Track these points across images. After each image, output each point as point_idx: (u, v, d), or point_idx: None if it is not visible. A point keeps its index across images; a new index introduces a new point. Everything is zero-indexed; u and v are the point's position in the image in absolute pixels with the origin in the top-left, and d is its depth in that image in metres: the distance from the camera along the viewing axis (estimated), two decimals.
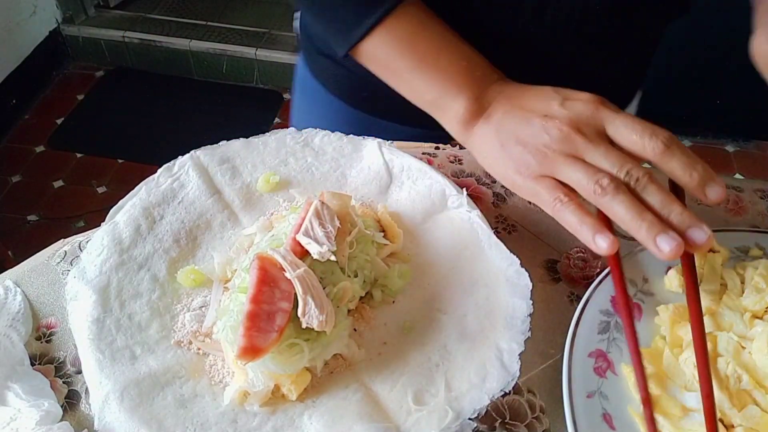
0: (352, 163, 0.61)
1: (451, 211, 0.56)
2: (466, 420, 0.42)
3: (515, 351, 0.45)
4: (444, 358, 0.47)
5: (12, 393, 0.45)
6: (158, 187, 0.57)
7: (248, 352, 0.42)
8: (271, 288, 0.44)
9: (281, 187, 0.59)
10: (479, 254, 0.52)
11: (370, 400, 0.45)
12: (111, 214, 0.55)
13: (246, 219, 0.57)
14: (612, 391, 0.47)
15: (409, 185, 0.58)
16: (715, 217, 0.63)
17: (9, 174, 2.02)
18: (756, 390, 0.46)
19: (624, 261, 0.54)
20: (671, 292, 0.53)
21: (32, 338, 0.51)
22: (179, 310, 0.51)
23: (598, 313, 0.51)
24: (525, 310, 0.47)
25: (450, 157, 0.67)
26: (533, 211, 0.62)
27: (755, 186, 0.66)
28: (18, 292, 0.53)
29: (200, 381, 0.47)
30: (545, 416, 0.48)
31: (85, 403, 0.47)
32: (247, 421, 0.44)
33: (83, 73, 2.42)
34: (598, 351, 0.49)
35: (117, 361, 0.46)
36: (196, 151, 0.60)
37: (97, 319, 0.48)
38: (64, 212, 1.91)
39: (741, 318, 0.50)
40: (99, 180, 2.02)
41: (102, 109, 2.29)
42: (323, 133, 0.62)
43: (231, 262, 0.53)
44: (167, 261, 0.53)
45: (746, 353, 0.48)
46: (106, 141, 2.16)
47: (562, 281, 0.56)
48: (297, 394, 0.45)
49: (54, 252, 0.57)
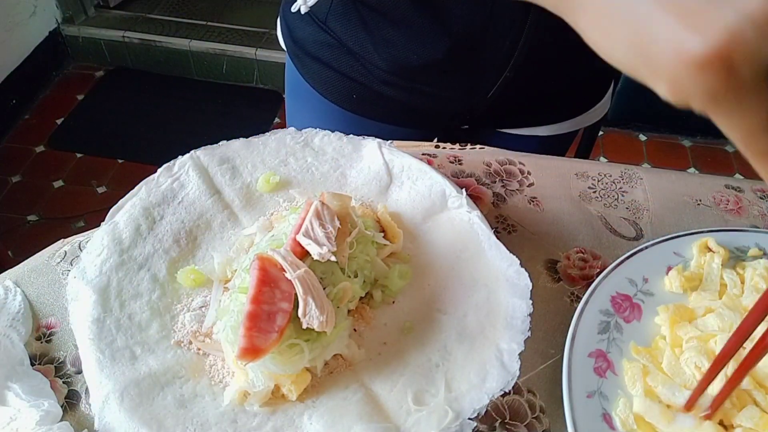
0: (352, 163, 0.61)
1: (451, 212, 0.56)
2: (466, 420, 0.42)
3: (515, 351, 0.45)
4: (444, 358, 0.47)
5: (12, 393, 0.45)
6: (158, 187, 0.57)
7: (249, 353, 0.42)
8: (271, 288, 0.44)
9: (281, 187, 0.59)
10: (479, 254, 0.52)
11: (370, 401, 0.45)
12: (111, 214, 0.55)
13: (246, 219, 0.57)
14: (612, 391, 0.47)
15: (409, 185, 0.58)
16: (715, 217, 0.63)
17: (9, 174, 2.02)
18: (756, 390, 0.46)
19: (624, 261, 0.54)
20: (671, 292, 0.53)
21: (32, 338, 0.51)
22: (179, 310, 0.51)
23: (598, 313, 0.51)
24: (525, 310, 0.47)
25: (450, 157, 0.67)
26: (533, 211, 0.62)
27: (755, 186, 0.66)
28: (18, 292, 0.53)
29: (200, 381, 0.47)
30: (545, 416, 0.48)
31: (85, 403, 0.47)
32: (247, 421, 0.44)
33: (83, 73, 2.41)
34: (598, 351, 0.49)
35: (117, 361, 0.46)
36: (196, 151, 0.60)
37: (97, 319, 0.48)
38: (64, 212, 1.91)
39: (741, 318, 0.50)
40: (99, 180, 2.02)
41: (102, 109, 2.29)
42: (323, 133, 0.62)
43: (231, 262, 0.53)
44: (167, 261, 0.53)
45: (746, 353, 0.48)
46: (106, 141, 2.16)
47: (562, 281, 0.56)
48: (297, 394, 0.45)
49: (54, 252, 0.57)
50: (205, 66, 2.37)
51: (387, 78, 0.73)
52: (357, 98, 0.77)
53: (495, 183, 0.65)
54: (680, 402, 0.46)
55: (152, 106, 2.30)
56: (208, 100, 2.33)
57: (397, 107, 0.75)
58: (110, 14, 2.47)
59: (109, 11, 2.47)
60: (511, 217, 0.61)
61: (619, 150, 2.11)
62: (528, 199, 0.63)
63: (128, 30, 2.37)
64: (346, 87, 0.76)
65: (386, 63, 0.72)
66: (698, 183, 0.66)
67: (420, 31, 0.67)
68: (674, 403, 0.46)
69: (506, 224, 0.61)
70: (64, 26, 2.39)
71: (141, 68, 2.42)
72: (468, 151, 0.68)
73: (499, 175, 0.66)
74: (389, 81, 0.73)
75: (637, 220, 0.62)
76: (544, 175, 0.66)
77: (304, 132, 0.62)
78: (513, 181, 0.65)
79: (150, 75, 2.41)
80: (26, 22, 2.24)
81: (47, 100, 2.30)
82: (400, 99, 0.75)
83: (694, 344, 0.49)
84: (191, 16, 2.46)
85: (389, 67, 0.72)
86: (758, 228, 0.60)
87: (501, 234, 0.60)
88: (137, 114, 2.27)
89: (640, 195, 0.65)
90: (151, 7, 2.50)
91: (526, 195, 0.64)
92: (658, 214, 0.63)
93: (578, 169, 0.67)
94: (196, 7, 2.52)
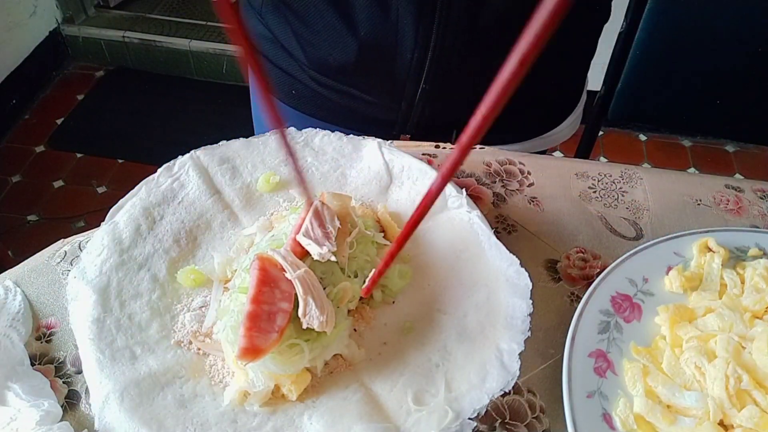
0: (352, 163, 0.61)
1: (451, 212, 0.56)
2: (466, 420, 0.42)
3: (515, 351, 0.45)
4: (444, 358, 0.47)
5: (12, 393, 0.45)
6: (158, 187, 0.57)
7: (249, 353, 0.42)
8: (271, 288, 0.44)
9: (281, 187, 0.59)
10: (479, 254, 0.52)
11: (370, 400, 0.45)
12: (111, 214, 0.55)
13: (246, 219, 0.57)
14: (612, 391, 0.47)
15: (409, 185, 0.58)
16: (715, 217, 0.63)
17: (9, 174, 2.02)
18: (756, 390, 0.46)
19: (624, 261, 0.55)
20: (671, 292, 0.53)
21: (32, 338, 0.51)
22: (179, 310, 0.51)
23: (598, 313, 0.51)
24: (525, 309, 0.46)
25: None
26: (533, 211, 0.62)
27: (755, 186, 0.66)
28: (18, 292, 0.53)
29: (200, 381, 0.47)
30: (545, 416, 0.48)
31: (85, 403, 0.47)
32: (247, 421, 0.44)
33: (83, 73, 2.41)
34: (598, 351, 0.49)
35: (117, 361, 0.46)
36: (196, 151, 0.60)
37: (97, 319, 0.48)
38: (64, 212, 1.91)
39: (741, 318, 0.50)
40: (99, 180, 2.02)
41: (102, 109, 2.29)
42: (323, 133, 0.62)
43: (231, 262, 0.53)
44: (167, 261, 0.53)
45: (746, 353, 0.48)
46: (106, 141, 2.16)
47: (562, 281, 0.56)
48: (297, 394, 0.45)
49: (54, 252, 0.57)
50: (205, 66, 2.37)
51: (316, 76, 0.73)
52: (297, 95, 0.76)
53: (495, 183, 0.65)
54: (681, 402, 0.46)
55: (152, 106, 2.30)
56: (208, 100, 2.33)
57: (336, 108, 0.75)
58: (110, 14, 2.47)
59: (109, 11, 2.47)
60: (511, 217, 0.61)
61: (619, 150, 2.11)
62: (528, 199, 0.63)
63: (128, 30, 2.37)
64: (286, 82, 0.76)
65: (309, 61, 0.72)
66: (698, 183, 0.66)
67: (332, 32, 0.67)
68: (674, 404, 0.46)
69: (506, 224, 0.61)
70: (64, 26, 2.39)
71: (141, 68, 2.42)
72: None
73: (499, 175, 0.66)
74: (319, 80, 0.73)
75: (637, 220, 0.62)
76: (544, 175, 0.66)
77: (304, 132, 0.62)
78: (513, 181, 0.65)
79: (150, 75, 2.41)
80: (26, 22, 2.24)
81: (47, 100, 2.30)
82: (334, 99, 0.74)
83: (694, 344, 0.49)
84: (191, 16, 2.46)
85: (313, 66, 0.72)
86: (758, 228, 0.60)
87: (501, 234, 0.60)
88: (137, 114, 2.27)
89: (640, 195, 0.65)
90: (151, 7, 2.50)
91: (526, 195, 0.64)
92: (658, 214, 0.63)
93: (578, 169, 0.67)
94: (196, 7, 2.51)
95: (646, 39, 0.96)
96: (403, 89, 0.70)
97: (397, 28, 0.64)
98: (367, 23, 0.64)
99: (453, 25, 0.62)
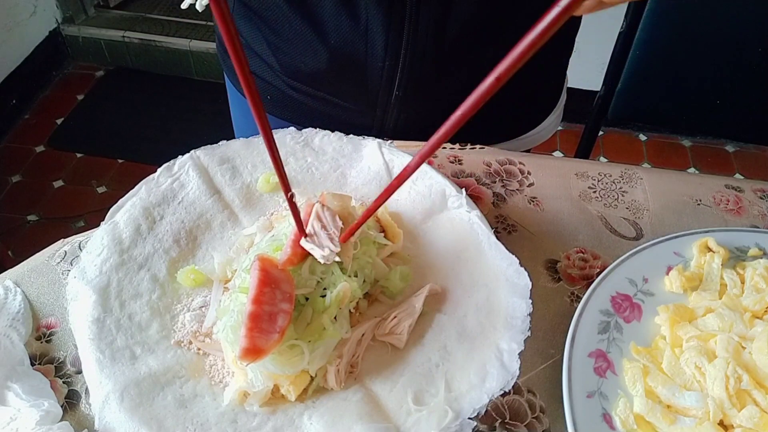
0: (352, 163, 0.61)
1: (451, 212, 0.56)
2: (466, 420, 0.42)
3: (515, 351, 0.45)
4: (444, 358, 0.47)
5: (12, 393, 0.45)
6: (158, 186, 0.57)
7: (250, 353, 0.42)
8: (272, 289, 0.44)
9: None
10: (479, 254, 0.52)
11: (370, 400, 0.45)
12: (111, 214, 0.55)
13: (246, 219, 0.57)
14: (612, 391, 0.47)
15: (409, 185, 0.58)
16: (715, 217, 0.63)
17: (9, 174, 2.02)
18: (756, 390, 0.46)
19: (624, 261, 0.55)
20: (671, 292, 0.53)
21: (32, 338, 0.51)
22: (179, 310, 0.51)
23: (598, 313, 0.51)
24: (525, 309, 0.46)
25: (450, 157, 0.67)
26: (533, 211, 0.62)
27: (755, 186, 0.66)
28: (18, 292, 0.53)
29: (200, 381, 0.47)
30: (545, 416, 0.48)
31: (85, 403, 0.47)
32: (247, 421, 0.44)
33: (83, 73, 2.41)
34: (598, 351, 0.49)
35: (117, 361, 0.46)
36: (196, 151, 0.60)
37: (97, 319, 0.48)
38: (64, 212, 1.91)
39: (741, 318, 0.50)
40: (99, 180, 2.01)
41: (102, 109, 2.29)
42: (323, 133, 0.62)
43: (231, 262, 0.53)
44: (167, 261, 0.53)
45: (746, 353, 0.48)
46: (106, 141, 2.16)
47: (562, 281, 0.56)
48: (296, 394, 0.45)
49: (54, 252, 0.57)
50: (205, 66, 2.37)
51: (290, 82, 0.73)
52: (272, 100, 0.76)
53: (495, 183, 0.65)
54: (681, 402, 0.46)
55: (152, 106, 2.30)
56: (208, 100, 2.33)
57: (312, 113, 0.75)
58: (110, 14, 2.46)
59: (109, 11, 2.47)
60: (511, 217, 0.61)
61: (619, 150, 2.11)
62: (528, 199, 0.63)
63: (128, 30, 2.37)
64: (261, 87, 0.76)
65: (282, 67, 0.72)
66: (698, 183, 0.66)
67: (301, 40, 0.67)
68: (674, 404, 0.46)
69: (506, 224, 0.61)
70: (64, 26, 2.39)
71: (141, 68, 2.42)
72: (468, 151, 0.68)
73: (499, 175, 0.66)
74: (293, 85, 0.73)
75: (637, 220, 0.62)
76: (544, 175, 0.66)
77: (304, 132, 0.62)
78: (513, 181, 0.65)
79: (150, 75, 2.41)
80: (26, 22, 2.24)
81: (47, 100, 2.30)
82: (310, 104, 0.74)
83: (694, 344, 0.49)
84: (191, 16, 2.46)
85: (286, 72, 0.72)
86: (758, 228, 0.60)
87: (501, 234, 0.60)
88: (137, 114, 2.27)
89: (640, 195, 0.65)
90: (151, 7, 2.50)
91: (526, 195, 0.64)
92: (658, 214, 0.63)
93: (578, 169, 0.67)
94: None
95: (646, 39, 0.96)
96: (376, 96, 0.70)
97: (366, 37, 0.64)
98: (337, 32, 0.64)
99: (422, 32, 0.62)
